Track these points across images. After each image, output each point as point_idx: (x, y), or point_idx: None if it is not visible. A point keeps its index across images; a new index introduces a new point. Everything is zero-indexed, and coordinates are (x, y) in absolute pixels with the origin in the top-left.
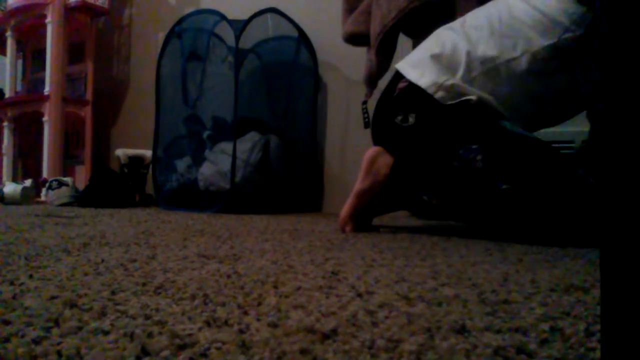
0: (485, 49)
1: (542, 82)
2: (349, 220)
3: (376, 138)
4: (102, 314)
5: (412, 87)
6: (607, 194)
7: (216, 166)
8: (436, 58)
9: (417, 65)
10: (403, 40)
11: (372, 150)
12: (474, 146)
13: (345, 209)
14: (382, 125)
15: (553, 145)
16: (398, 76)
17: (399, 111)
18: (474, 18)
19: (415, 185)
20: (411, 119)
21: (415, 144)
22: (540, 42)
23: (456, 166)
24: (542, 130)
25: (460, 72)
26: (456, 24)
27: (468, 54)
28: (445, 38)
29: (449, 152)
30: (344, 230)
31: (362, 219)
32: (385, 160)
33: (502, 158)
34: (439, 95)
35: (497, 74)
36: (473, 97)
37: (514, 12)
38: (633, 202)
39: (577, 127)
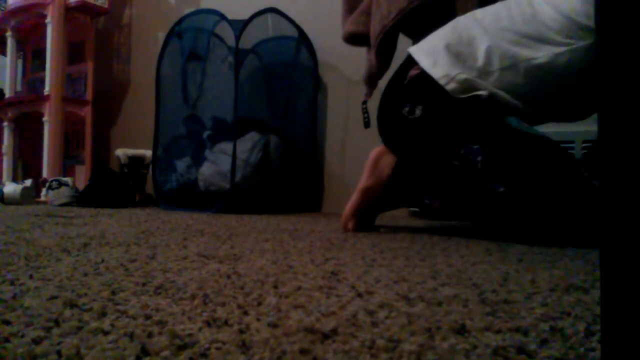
0: (507, 46)
1: (562, 80)
2: (352, 217)
3: (381, 129)
4: (102, 314)
5: (423, 76)
6: (607, 194)
7: (216, 166)
8: (451, 48)
9: (430, 53)
10: (403, 40)
11: (377, 149)
12: (475, 146)
13: (348, 206)
14: (388, 115)
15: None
16: (410, 62)
17: (407, 102)
18: (494, 14)
19: (416, 185)
20: (418, 111)
21: (419, 139)
22: (564, 46)
23: (457, 165)
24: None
25: (477, 67)
26: (473, 16)
27: (488, 49)
28: (462, 29)
29: (451, 151)
30: (347, 226)
31: (365, 217)
32: (389, 160)
33: (503, 159)
34: (450, 87)
35: (516, 70)
36: (484, 93)
37: (539, 16)
38: (633, 202)
39: (577, 127)
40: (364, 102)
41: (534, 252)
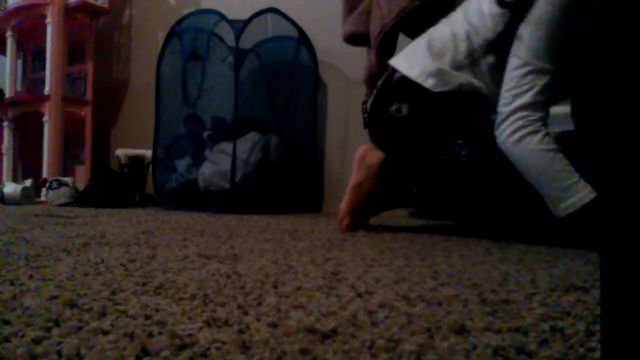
0: (465, 44)
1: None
2: (347, 215)
3: (371, 128)
4: (102, 314)
5: (406, 78)
6: (607, 195)
7: (216, 166)
8: (426, 48)
9: (408, 57)
10: (403, 40)
11: (362, 147)
12: (460, 141)
13: (343, 204)
14: (377, 114)
15: None
16: (394, 69)
17: (394, 101)
18: (458, 14)
19: (404, 178)
20: (404, 110)
21: (406, 136)
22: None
23: (443, 160)
24: None
25: (448, 58)
26: (446, 19)
27: (454, 40)
28: (434, 31)
29: (436, 146)
30: (342, 224)
31: (360, 214)
32: (376, 154)
33: (487, 153)
34: (428, 83)
35: (479, 68)
36: (462, 81)
37: (484, 10)
38: (632, 202)
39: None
40: (364, 102)
41: (533, 252)
